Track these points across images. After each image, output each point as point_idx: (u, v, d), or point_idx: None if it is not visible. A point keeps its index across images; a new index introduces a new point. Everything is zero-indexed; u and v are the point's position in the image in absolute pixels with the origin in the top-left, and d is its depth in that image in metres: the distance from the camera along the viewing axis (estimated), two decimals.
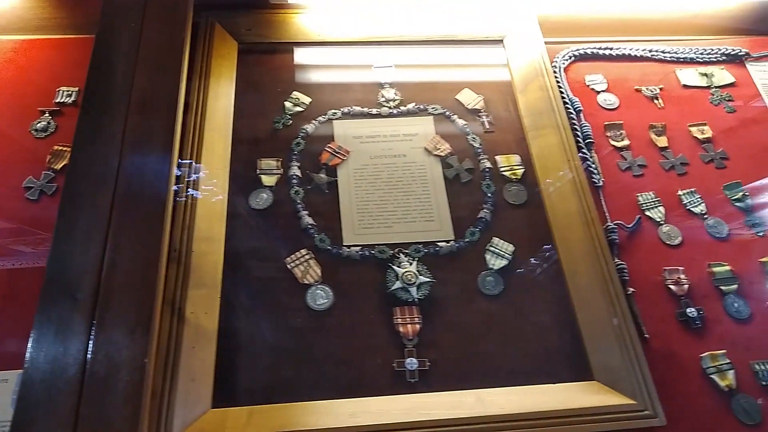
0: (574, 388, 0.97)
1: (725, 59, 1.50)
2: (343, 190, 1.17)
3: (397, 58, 1.38)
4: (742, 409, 1.00)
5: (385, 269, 1.09)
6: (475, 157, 1.24)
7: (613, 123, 1.35)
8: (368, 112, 1.29)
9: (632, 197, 1.25)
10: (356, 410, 0.92)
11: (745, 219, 1.23)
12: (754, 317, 1.11)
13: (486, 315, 1.06)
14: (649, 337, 1.07)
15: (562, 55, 1.45)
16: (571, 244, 1.11)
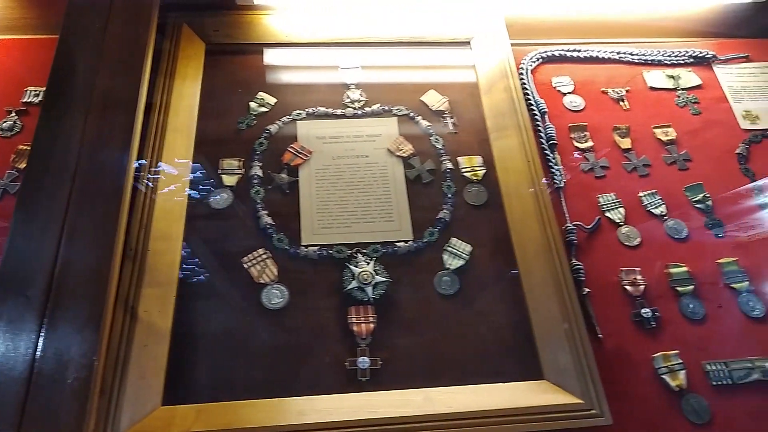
0: (522, 388, 0.98)
1: (693, 61, 1.51)
2: (303, 191, 1.18)
3: (364, 60, 1.39)
4: (691, 408, 1.01)
5: (342, 269, 1.10)
6: (437, 158, 1.25)
7: (578, 125, 1.36)
8: (333, 113, 1.30)
9: (593, 198, 1.26)
10: (305, 408, 0.93)
11: (705, 221, 1.24)
12: (709, 318, 1.12)
13: (441, 315, 1.07)
14: (603, 337, 1.08)
15: (530, 57, 1.46)
16: (527, 244, 1.12)
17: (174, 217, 1.10)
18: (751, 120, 1.40)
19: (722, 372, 1.05)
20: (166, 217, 1.09)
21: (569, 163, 1.32)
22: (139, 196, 1.08)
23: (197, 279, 1.06)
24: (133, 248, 1.03)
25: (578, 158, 1.33)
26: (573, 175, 1.30)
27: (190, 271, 1.06)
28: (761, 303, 1.13)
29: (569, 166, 1.31)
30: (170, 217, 1.10)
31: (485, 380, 1.00)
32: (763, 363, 1.06)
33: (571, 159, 1.32)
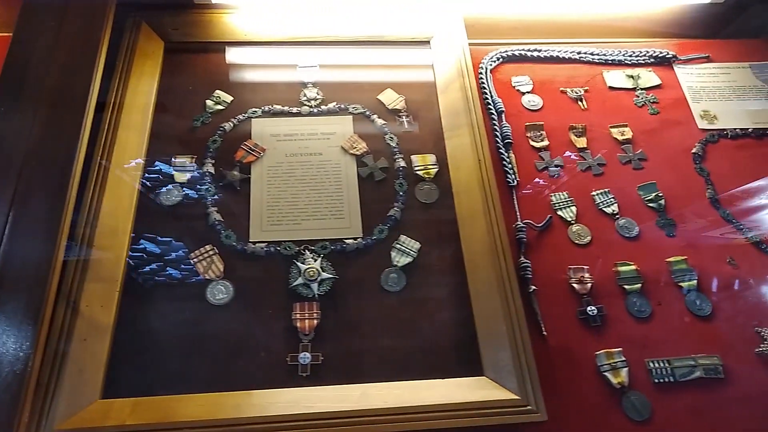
0: (461, 383, 0.98)
1: (653, 62, 1.51)
2: (254, 188, 1.19)
3: (323, 59, 1.40)
4: (632, 405, 1.02)
5: (289, 266, 1.10)
6: (391, 157, 1.26)
7: (534, 124, 1.37)
8: (288, 111, 1.31)
9: (546, 197, 1.26)
10: (241, 403, 0.93)
11: (656, 220, 1.24)
12: (655, 316, 1.12)
13: (385, 311, 1.07)
14: (548, 334, 1.09)
15: (490, 57, 1.47)
16: (474, 242, 1.12)
17: (122, 213, 1.11)
18: (709, 120, 1.41)
19: (665, 370, 1.06)
20: (114, 214, 1.09)
21: (525, 162, 1.32)
22: (87, 192, 1.09)
23: (143, 275, 1.06)
24: (78, 244, 1.03)
25: (534, 157, 1.33)
26: (527, 174, 1.30)
27: (136, 266, 1.07)
28: (708, 302, 1.14)
29: (525, 165, 1.31)
30: (118, 213, 1.10)
31: (425, 376, 1.00)
32: (706, 361, 1.06)
33: (526, 158, 1.33)
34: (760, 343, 1.09)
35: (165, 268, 1.08)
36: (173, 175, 1.19)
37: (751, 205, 1.28)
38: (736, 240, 1.23)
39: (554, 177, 1.30)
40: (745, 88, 1.47)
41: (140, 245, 1.09)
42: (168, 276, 1.07)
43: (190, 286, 1.07)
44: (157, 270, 1.07)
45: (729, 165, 1.34)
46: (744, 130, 1.39)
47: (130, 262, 1.07)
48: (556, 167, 1.31)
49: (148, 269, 1.07)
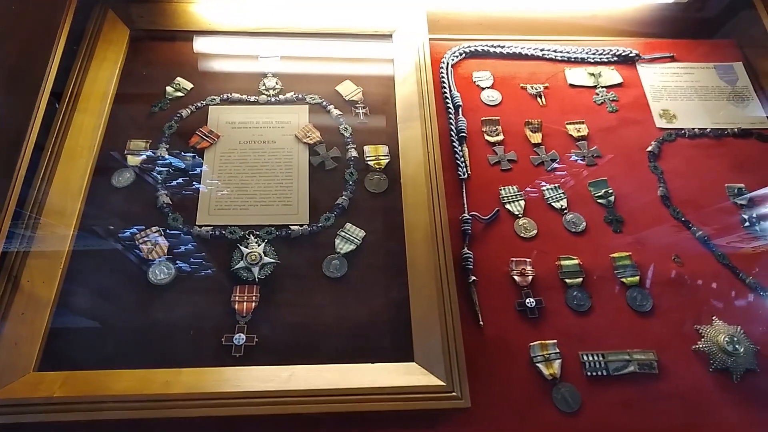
0: (390, 368, 1.00)
1: (617, 60, 1.52)
2: (206, 173, 1.21)
3: (286, 50, 1.42)
4: (562, 397, 1.03)
5: (234, 249, 1.12)
6: (343, 146, 1.28)
7: (490, 119, 1.38)
8: (246, 100, 1.33)
9: (496, 191, 1.27)
10: (171, 380, 0.95)
11: (605, 216, 1.25)
12: (594, 310, 1.13)
13: (324, 296, 1.09)
14: (485, 324, 1.10)
15: (452, 52, 1.48)
16: (416, 232, 1.14)
17: (72, 193, 1.13)
18: (668, 119, 1.41)
19: (598, 363, 1.06)
20: (64, 194, 1.12)
21: (479, 156, 1.33)
22: (39, 172, 1.12)
23: (88, 253, 1.09)
24: (25, 221, 1.06)
25: (488, 152, 1.34)
26: (480, 167, 1.31)
27: (81, 245, 1.09)
28: (649, 298, 1.14)
29: (478, 159, 1.33)
30: (68, 193, 1.13)
31: (357, 360, 1.02)
32: (641, 356, 1.07)
33: (481, 152, 1.34)
34: (698, 341, 1.09)
35: (110, 248, 1.10)
36: (126, 158, 1.21)
37: (701, 204, 1.28)
38: (684, 238, 1.23)
39: (506, 171, 1.31)
40: (707, 89, 1.47)
41: (87, 225, 1.11)
42: (112, 256, 1.09)
43: (132, 265, 1.09)
44: (102, 249, 1.09)
45: (684, 164, 1.34)
46: (702, 130, 1.39)
47: (75, 241, 1.09)
48: (509, 161, 1.32)
49: (93, 248, 1.09)
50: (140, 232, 1.12)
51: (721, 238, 1.23)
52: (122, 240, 1.11)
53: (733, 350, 1.06)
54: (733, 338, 1.07)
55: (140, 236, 1.12)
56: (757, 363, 1.06)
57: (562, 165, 1.33)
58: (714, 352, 1.07)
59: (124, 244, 1.11)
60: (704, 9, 1.56)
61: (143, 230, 1.13)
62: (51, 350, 0.99)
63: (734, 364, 1.05)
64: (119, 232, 1.12)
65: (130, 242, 1.11)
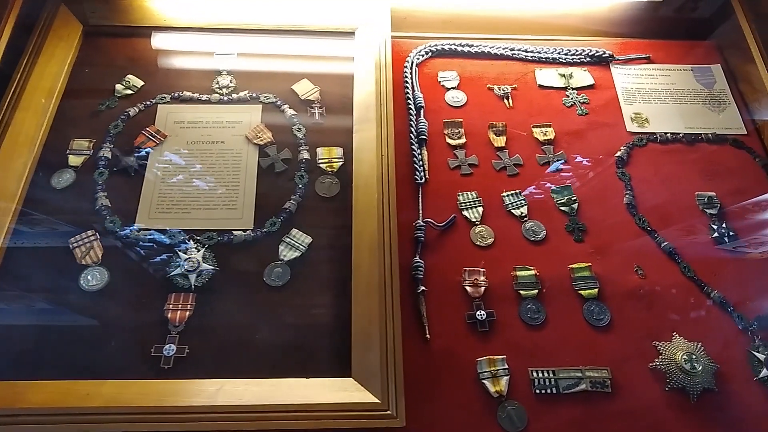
0: (325, 384, 0.95)
1: (590, 61, 1.46)
2: (149, 174, 1.17)
3: (243, 47, 1.37)
4: (507, 416, 0.98)
5: (171, 255, 1.08)
6: (295, 148, 1.23)
7: (453, 121, 1.33)
8: (198, 98, 1.28)
9: (455, 196, 1.22)
10: (92, 392, 0.91)
11: (566, 224, 1.19)
12: (548, 324, 1.08)
13: (263, 306, 1.04)
14: (432, 338, 1.05)
15: (418, 51, 1.43)
16: (363, 239, 1.09)
17: (7, 194, 1.10)
18: (640, 123, 1.35)
19: (548, 380, 1.01)
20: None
21: (439, 160, 1.28)
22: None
23: (17, 258, 1.05)
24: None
25: (448, 154, 1.28)
26: (439, 171, 1.26)
27: (11, 249, 1.05)
28: (607, 312, 1.08)
29: (438, 162, 1.27)
30: (4, 193, 1.09)
31: (293, 374, 0.97)
32: (594, 373, 1.01)
33: (441, 155, 1.28)
34: (655, 357, 1.04)
35: (41, 252, 1.05)
36: (68, 158, 1.17)
37: (669, 212, 1.22)
38: (648, 248, 1.17)
39: (466, 176, 1.25)
40: (683, 92, 1.41)
41: (20, 228, 1.07)
42: (43, 260, 1.05)
43: (64, 271, 1.04)
44: (33, 253, 1.05)
45: (653, 170, 1.28)
46: (675, 135, 1.33)
47: (6, 244, 1.04)
48: (470, 166, 1.27)
49: (24, 251, 1.05)
50: (75, 236, 1.07)
51: (687, 249, 1.16)
52: (55, 244, 1.06)
53: (691, 369, 1.00)
54: (692, 356, 1.02)
55: (74, 240, 1.07)
56: (715, 382, 1.00)
57: (525, 170, 1.26)
58: (671, 370, 1.01)
59: (57, 248, 1.06)
60: (684, 9, 1.49)
61: (78, 234, 1.08)
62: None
63: (691, 383, 1.00)
64: (53, 236, 1.08)
65: (63, 246, 1.06)
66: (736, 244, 1.16)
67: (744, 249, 1.16)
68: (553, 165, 1.23)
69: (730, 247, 1.16)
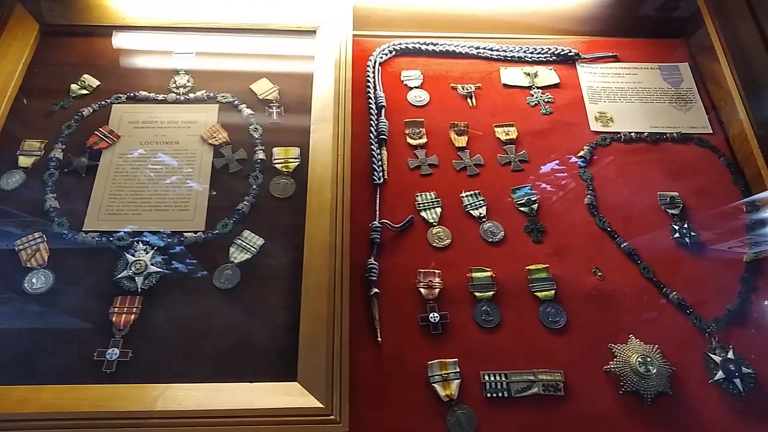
0: (269, 388, 0.93)
1: (556, 59, 1.44)
2: (101, 175, 1.15)
3: (202, 45, 1.35)
4: (456, 420, 0.96)
5: (119, 257, 1.06)
6: (251, 148, 1.21)
7: (414, 120, 1.31)
8: (154, 98, 1.27)
9: (413, 197, 1.20)
10: (28, 397, 0.89)
11: (525, 225, 1.17)
12: (503, 326, 1.06)
13: (211, 309, 1.02)
14: (383, 341, 1.03)
15: (381, 50, 1.41)
16: (315, 241, 1.07)
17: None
18: (604, 122, 1.33)
19: (500, 384, 0.99)
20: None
21: (399, 160, 1.26)
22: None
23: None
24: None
25: (409, 154, 1.26)
26: (399, 172, 1.24)
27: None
28: (563, 314, 1.07)
29: (398, 162, 1.25)
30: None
31: (238, 379, 0.95)
32: (547, 376, 0.99)
33: (402, 155, 1.27)
34: (610, 360, 1.02)
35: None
36: (18, 159, 1.15)
37: (631, 213, 1.20)
38: (608, 249, 1.15)
39: (426, 176, 1.23)
40: (650, 90, 1.39)
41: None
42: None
43: (9, 273, 1.02)
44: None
45: (616, 170, 1.26)
46: (639, 134, 1.31)
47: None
48: (430, 166, 1.25)
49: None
50: (21, 238, 1.05)
51: (647, 250, 1.15)
52: (1, 246, 1.04)
53: (645, 371, 0.98)
54: (646, 359, 1.00)
55: (20, 242, 1.05)
56: (670, 385, 0.98)
57: (486, 170, 1.24)
58: (625, 373, 0.99)
59: (2, 251, 1.04)
60: (653, 7, 1.47)
61: (24, 236, 1.06)
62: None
63: (645, 386, 0.98)
64: (1, 237, 1.05)
65: (9, 248, 1.04)
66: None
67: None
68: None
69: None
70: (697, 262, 1.14)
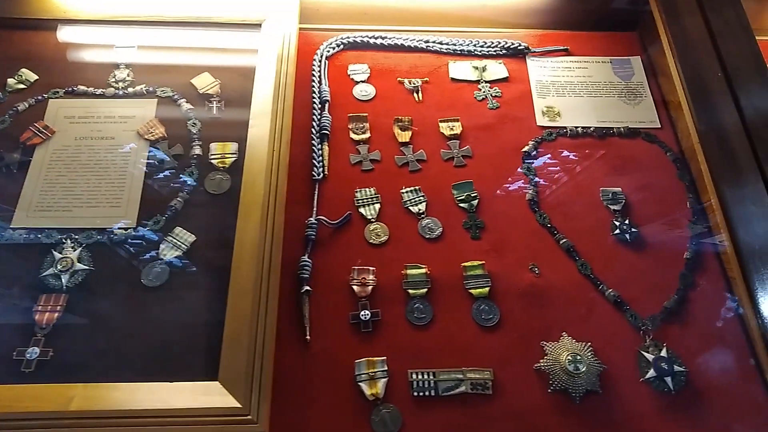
0: (188, 388, 0.92)
1: (506, 53, 1.42)
2: (33, 171, 1.13)
3: (144, 39, 1.33)
4: (381, 420, 0.95)
5: (47, 254, 1.04)
6: (188, 144, 1.19)
7: (357, 115, 1.29)
8: (92, 93, 1.25)
9: (353, 193, 1.18)
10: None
11: (464, 221, 1.16)
12: (435, 324, 1.05)
13: (137, 308, 1.01)
14: (312, 339, 1.02)
15: (329, 43, 1.39)
16: (246, 237, 1.05)
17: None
18: (551, 117, 1.31)
19: (427, 382, 0.98)
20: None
21: (342, 156, 1.24)
22: None
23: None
24: None
25: (351, 149, 1.25)
26: (340, 167, 1.22)
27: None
28: (497, 312, 1.05)
29: (340, 158, 1.24)
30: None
31: (159, 378, 0.93)
32: (476, 375, 0.98)
33: (345, 151, 1.25)
34: (541, 358, 1.01)
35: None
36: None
37: (572, 209, 1.19)
38: (546, 245, 1.14)
39: (367, 171, 1.22)
40: (599, 84, 1.38)
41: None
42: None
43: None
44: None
45: (560, 165, 1.25)
46: (586, 129, 1.30)
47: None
48: (372, 161, 1.23)
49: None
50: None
51: (586, 247, 1.13)
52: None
53: (574, 370, 0.97)
54: (576, 357, 0.99)
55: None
56: (599, 384, 0.97)
57: (428, 165, 1.23)
58: (555, 372, 0.98)
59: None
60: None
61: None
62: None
63: (574, 384, 0.97)
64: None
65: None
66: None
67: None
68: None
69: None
70: (637, 259, 1.13)
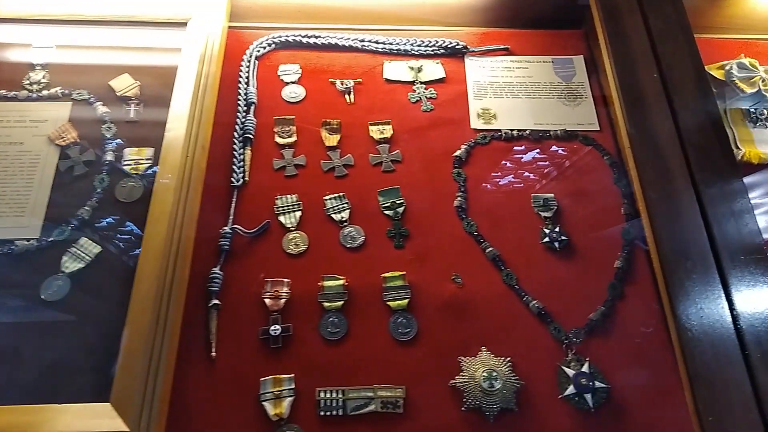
0: (77, 411, 0.87)
1: (444, 53, 1.37)
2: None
3: (64, 39, 1.27)
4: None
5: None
6: (101, 149, 1.13)
7: (283, 118, 1.24)
8: (4, 95, 1.19)
9: (273, 200, 1.13)
10: None
11: (388, 229, 1.11)
12: (349, 339, 1.00)
13: (32, 324, 0.97)
14: (218, 356, 0.97)
15: (259, 43, 1.34)
16: (152, 248, 1.00)
17: None
18: (486, 119, 1.27)
19: (336, 401, 0.93)
20: None
21: (264, 160, 1.19)
22: None
23: None
24: None
25: (275, 154, 1.20)
26: (262, 173, 1.17)
27: None
28: (415, 325, 1.01)
29: (263, 163, 1.19)
30: None
31: (47, 400, 0.89)
32: (387, 393, 0.94)
33: (269, 155, 1.20)
34: (457, 374, 0.96)
35: None
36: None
37: (501, 216, 1.14)
38: (471, 255, 1.09)
39: (291, 177, 1.17)
40: (539, 85, 1.33)
41: None
42: None
43: None
44: None
45: (493, 170, 1.20)
46: (521, 132, 1.25)
47: None
48: (296, 167, 1.18)
49: None
50: None
51: (513, 256, 1.09)
52: None
53: (489, 387, 0.93)
54: (492, 373, 0.94)
55: None
56: (516, 401, 0.93)
57: (355, 171, 1.18)
58: (469, 389, 0.94)
59: None
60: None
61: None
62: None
63: (488, 402, 0.93)
64: None
65: None
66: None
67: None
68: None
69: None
70: (565, 269, 1.09)
